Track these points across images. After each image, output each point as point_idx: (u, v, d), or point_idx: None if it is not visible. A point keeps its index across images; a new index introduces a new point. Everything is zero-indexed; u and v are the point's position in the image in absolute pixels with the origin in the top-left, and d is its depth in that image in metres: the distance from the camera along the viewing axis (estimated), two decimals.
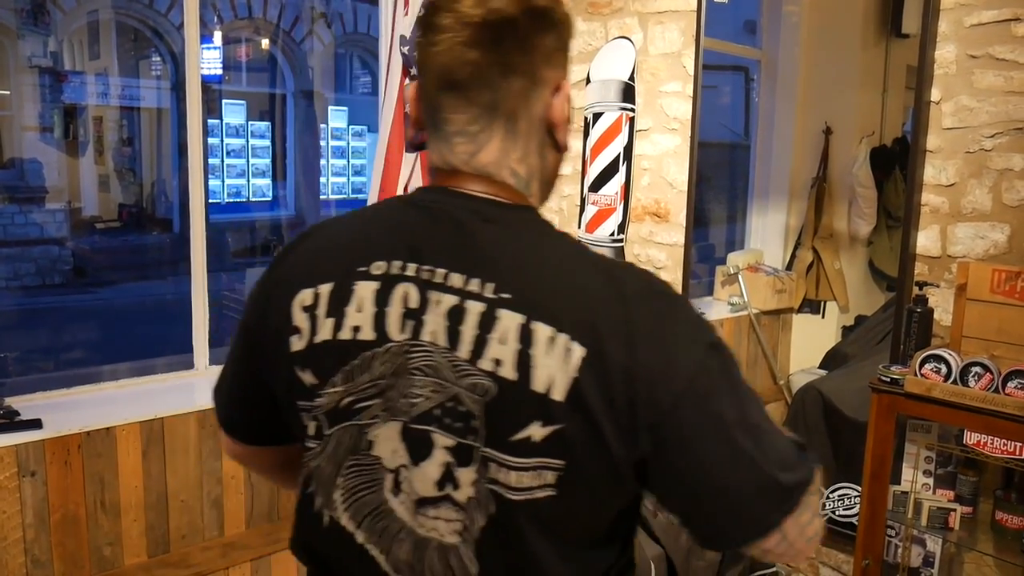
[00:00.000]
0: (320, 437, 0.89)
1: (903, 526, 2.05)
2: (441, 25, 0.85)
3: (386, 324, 0.84)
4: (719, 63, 3.34)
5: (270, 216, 11.77)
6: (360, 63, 12.95)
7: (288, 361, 0.89)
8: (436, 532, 0.84)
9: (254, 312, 0.97)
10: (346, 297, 0.86)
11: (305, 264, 0.93)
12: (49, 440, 2.36)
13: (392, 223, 0.91)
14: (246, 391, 1.02)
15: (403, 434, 0.84)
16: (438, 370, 0.82)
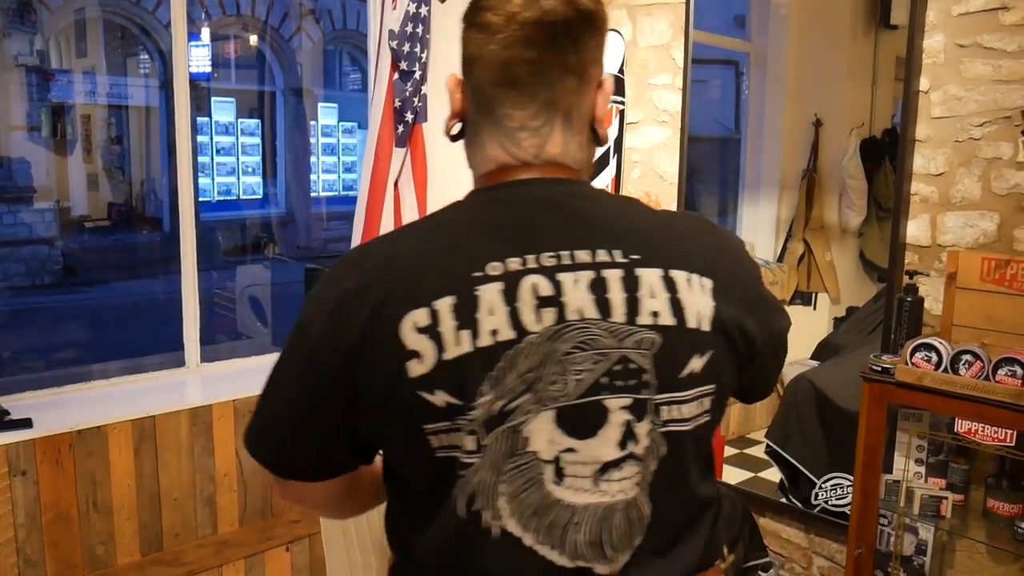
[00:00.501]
0: (479, 450, 0.87)
1: (895, 515, 2.06)
2: (494, 23, 0.89)
3: (522, 319, 0.86)
4: (709, 57, 3.34)
5: (260, 214, 11.74)
6: (349, 60, 12.92)
7: (408, 387, 0.86)
8: (622, 493, 0.90)
9: (330, 350, 0.89)
10: (473, 305, 0.86)
11: (399, 285, 0.88)
12: (40, 439, 2.35)
13: (484, 223, 0.92)
14: (315, 429, 0.94)
15: (558, 419, 0.87)
16: (596, 341, 0.87)
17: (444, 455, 0.88)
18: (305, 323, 0.92)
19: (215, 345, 5.70)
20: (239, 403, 2.78)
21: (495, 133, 0.93)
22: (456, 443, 0.87)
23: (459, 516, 0.89)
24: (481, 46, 0.90)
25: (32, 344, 7.67)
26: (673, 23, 2.74)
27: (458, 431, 0.86)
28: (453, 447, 0.87)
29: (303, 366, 0.92)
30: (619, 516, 0.90)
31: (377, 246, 0.97)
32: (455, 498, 0.89)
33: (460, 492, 0.88)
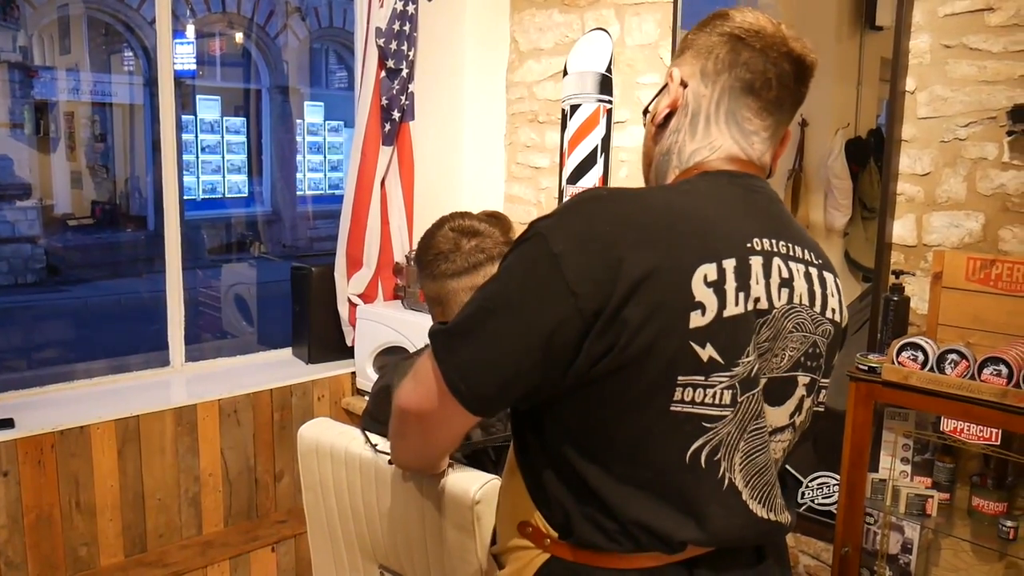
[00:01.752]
0: (733, 405, 0.95)
1: (881, 513, 2.06)
2: (766, 43, 1.03)
3: (772, 293, 0.97)
4: None
5: (246, 212, 11.67)
6: (336, 58, 12.87)
7: (682, 336, 0.90)
8: (774, 452, 1.04)
9: (599, 283, 0.88)
10: (747, 271, 0.95)
11: (691, 237, 0.92)
12: (22, 439, 2.33)
13: (740, 201, 1.02)
14: (545, 362, 0.91)
15: (765, 387, 0.99)
16: (804, 324, 1.02)
17: (680, 409, 0.92)
18: (560, 252, 0.90)
19: (199, 344, 5.67)
20: (224, 402, 2.76)
21: (731, 128, 1.05)
22: (704, 399, 0.93)
23: (694, 465, 0.95)
24: (746, 55, 1.04)
25: (14, 343, 7.60)
26: (660, 22, 2.74)
27: (712, 387, 0.93)
28: (698, 403, 0.93)
29: (555, 298, 0.89)
30: (770, 473, 1.03)
31: (648, 195, 1.00)
32: (695, 448, 0.94)
33: (706, 442, 0.95)
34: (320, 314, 3.23)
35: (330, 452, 1.54)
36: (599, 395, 0.93)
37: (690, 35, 1.11)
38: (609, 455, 0.96)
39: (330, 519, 1.59)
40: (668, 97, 1.08)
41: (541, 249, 0.91)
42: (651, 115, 1.11)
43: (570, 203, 0.96)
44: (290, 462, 2.95)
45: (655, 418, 0.92)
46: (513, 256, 0.96)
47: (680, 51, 1.11)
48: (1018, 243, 1.97)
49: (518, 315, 0.91)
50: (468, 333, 0.94)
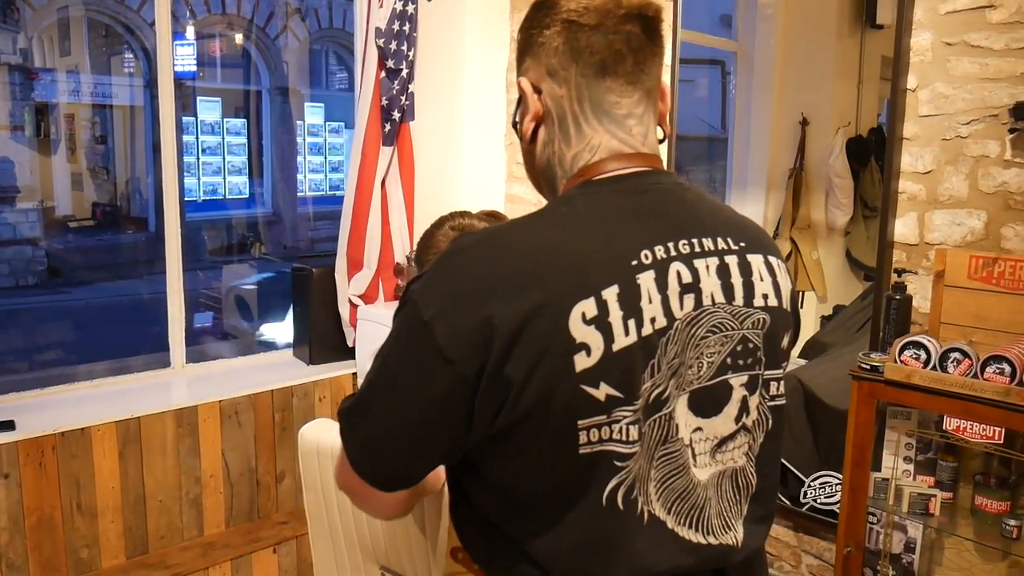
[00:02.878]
0: (640, 439, 0.89)
1: (884, 512, 2.06)
2: (595, 15, 0.93)
3: (671, 306, 0.90)
4: (696, 57, 3.34)
5: (247, 214, 11.67)
6: (336, 59, 12.87)
7: (571, 381, 0.84)
8: (732, 461, 0.97)
9: (472, 346, 0.84)
10: (636, 293, 0.88)
11: (562, 274, 0.86)
12: (23, 441, 2.33)
13: (627, 211, 0.93)
14: (440, 436, 0.90)
15: (690, 402, 0.92)
16: (723, 324, 0.93)
17: (590, 451, 0.87)
18: (431, 319, 0.86)
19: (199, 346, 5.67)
20: (225, 404, 2.76)
21: (603, 122, 0.96)
22: (612, 435, 0.87)
23: (611, 506, 0.89)
24: (585, 38, 0.93)
25: (15, 345, 7.60)
26: None
27: (616, 423, 0.87)
28: (605, 440, 0.87)
29: (432, 367, 0.86)
30: (728, 482, 0.97)
31: (516, 235, 0.92)
32: (610, 489, 0.88)
33: (620, 483, 0.89)
34: (321, 315, 3.22)
35: (331, 453, 1.54)
36: (505, 449, 0.89)
37: (520, 36, 1.01)
38: (528, 506, 0.92)
39: (331, 520, 1.59)
40: (529, 109, 0.99)
41: (413, 317, 0.87)
42: (520, 134, 1.02)
43: (439, 260, 0.90)
44: (291, 463, 2.95)
45: (566, 464, 0.88)
46: (393, 325, 0.92)
47: (519, 57, 1.02)
48: (1020, 241, 1.96)
49: (402, 391, 0.89)
50: (363, 411, 0.93)
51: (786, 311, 1.01)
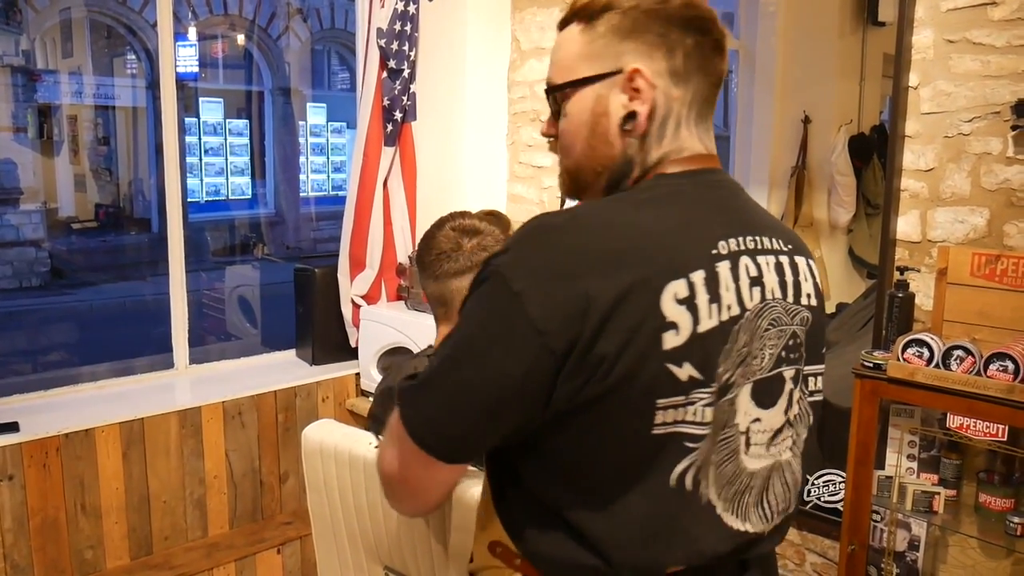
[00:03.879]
0: (712, 422, 0.92)
1: (888, 511, 2.06)
2: (719, 42, 0.99)
3: (743, 296, 0.94)
4: None
5: (249, 214, 11.69)
6: (338, 59, 12.88)
7: (658, 359, 0.86)
8: (780, 455, 1.01)
9: (566, 318, 0.84)
10: (716, 280, 0.91)
11: (657, 254, 0.89)
12: (27, 443, 2.33)
13: (704, 203, 0.98)
14: (519, 406, 0.89)
15: (753, 391, 0.96)
16: (780, 319, 0.98)
17: (663, 431, 0.89)
18: (522, 290, 0.85)
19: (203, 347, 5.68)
20: (228, 404, 2.77)
21: (699, 127, 1.01)
22: (685, 417, 0.89)
23: (680, 489, 0.91)
24: (709, 58, 0.99)
25: (19, 347, 7.61)
26: None
27: (692, 404, 0.89)
28: (679, 422, 0.89)
29: (521, 339, 0.85)
30: (777, 476, 1.01)
31: (607, 214, 0.93)
32: (679, 471, 0.91)
33: (690, 464, 0.91)
34: (324, 315, 3.23)
35: (334, 453, 1.54)
36: (578, 426, 0.90)
37: (637, 18, 0.97)
38: (591, 486, 0.92)
39: (335, 520, 1.59)
40: (644, 104, 0.97)
41: (501, 289, 0.87)
42: (633, 125, 0.98)
43: (524, 235, 0.91)
44: (295, 463, 2.95)
45: (638, 443, 0.89)
46: (472, 300, 0.91)
47: (623, 33, 0.97)
48: (1023, 238, 1.96)
49: (484, 362, 0.88)
50: (433, 386, 0.92)
51: (823, 312, 1.08)
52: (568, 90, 1.01)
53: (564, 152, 1.04)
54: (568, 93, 1.01)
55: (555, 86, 1.02)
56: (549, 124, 1.06)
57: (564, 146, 1.03)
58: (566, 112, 1.01)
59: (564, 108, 1.01)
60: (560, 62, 1.02)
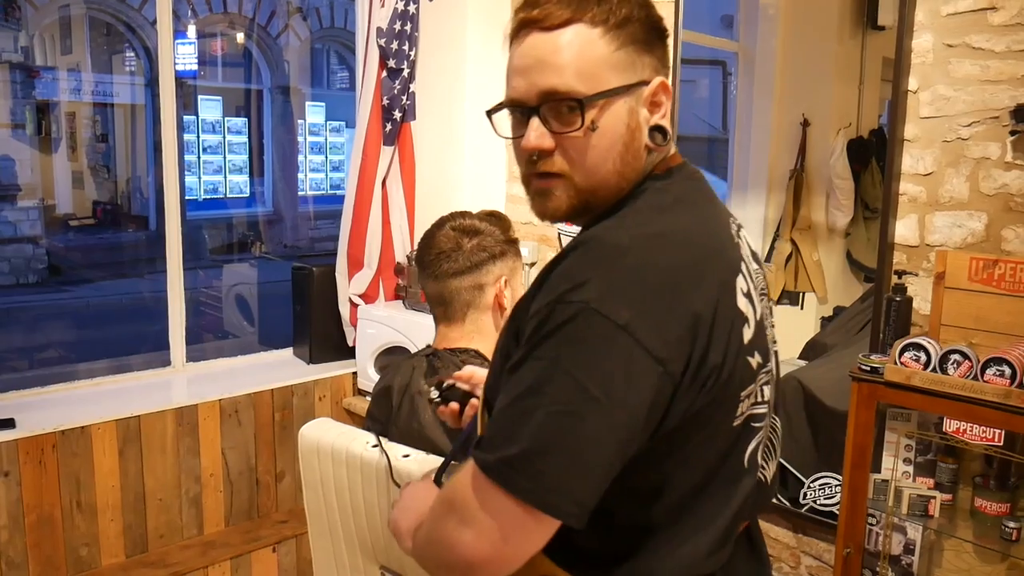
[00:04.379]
0: (769, 400, 0.98)
1: (884, 514, 2.06)
2: None
3: (753, 274, 0.98)
4: (696, 57, 3.34)
5: (247, 213, 11.68)
6: (337, 58, 12.87)
7: (742, 353, 0.90)
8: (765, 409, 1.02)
9: (679, 340, 0.82)
10: (748, 267, 0.96)
11: (719, 255, 0.91)
12: (23, 440, 2.33)
13: (703, 197, 1.00)
14: (637, 443, 0.84)
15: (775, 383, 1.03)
16: (763, 287, 1.03)
17: (740, 420, 0.92)
18: (628, 322, 0.80)
19: (200, 345, 5.67)
20: (225, 402, 2.76)
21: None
22: (756, 401, 0.94)
23: (749, 468, 0.96)
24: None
25: (16, 344, 7.60)
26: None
27: (757, 387, 0.94)
28: (751, 406, 0.93)
29: (640, 371, 0.80)
30: (771, 427, 1.05)
31: (664, 225, 0.90)
32: (750, 451, 0.96)
33: (758, 444, 0.97)
34: (321, 314, 3.22)
35: (331, 452, 1.54)
36: (675, 440, 0.87)
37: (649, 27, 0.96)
38: (676, 500, 0.91)
39: (331, 519, 1.59)
40: (665, 118, 0.97)
41: (601, 325, 0.80)
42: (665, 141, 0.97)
43: (596, 261, 0.84)
44: (291, 462, 2.95)
45: (723, 439, 0.91)
46: (561, 344, 0.81)
47: (640, 43, 0.95)
48: (1021, 243, 1.96)
49: (608, 408, 0.80)
50: (553, 449, 0.80)
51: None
52: (603, 101, 0.92)
53: (588, 170, 0.94)
54: (602, 104, 0.92)
55: (586, 96, 0.91)
56: (542, 136, 0.94)
57: (589, 164, 0.94)
58: (597, 125, 0.92)
59: (595, 122, 0.92)
60: (582, 69, 0.91)
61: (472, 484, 0.84)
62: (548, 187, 0.96)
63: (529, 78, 0.93)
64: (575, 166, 0.94)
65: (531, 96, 0.93)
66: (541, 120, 0.93)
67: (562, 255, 0.87)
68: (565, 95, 0.91)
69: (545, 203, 0.97)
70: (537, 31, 0.93)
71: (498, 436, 0.83)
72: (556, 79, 0.91)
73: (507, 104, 0.97)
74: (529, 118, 0.94)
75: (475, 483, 0.83)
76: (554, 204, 0.96)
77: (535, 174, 0.96)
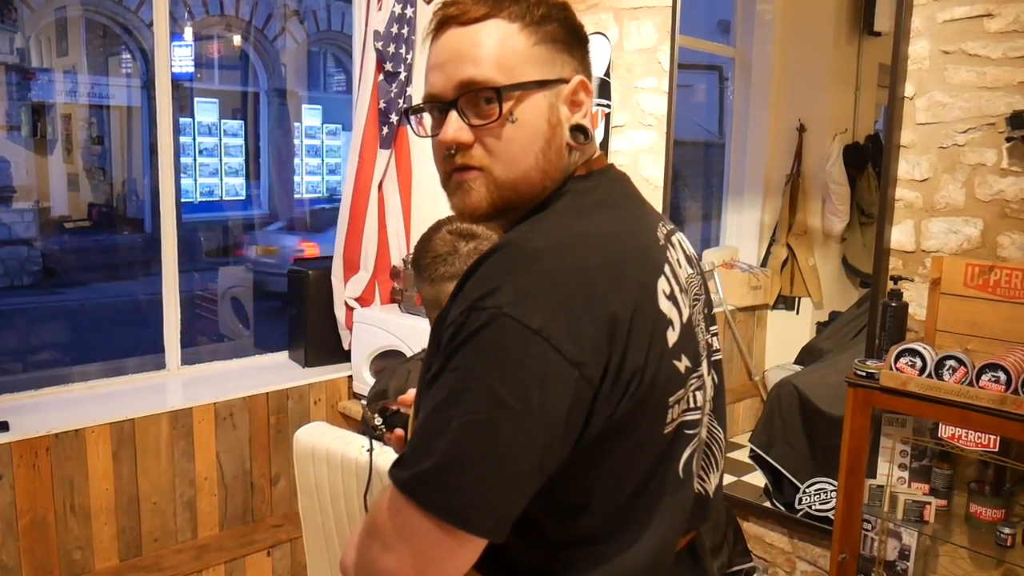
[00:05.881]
0: (702, 405, 0.95)
1: (879, 520, 2.06)
2: None
3: (683, 279, 0.96)
4: (693, 62, 3.34)
5: (243, 215, 11.66)
6: (334, 61, 12.87)
7: (668, 358, 0.87)
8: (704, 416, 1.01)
9: (596, 344, 0.79)
10: (674, 269, 0.94)
11: (640, 255, 0.89)
12: (16, 443, 2.32)
13: (629, 197, 0.99)
14: (557, 454, 0.81)
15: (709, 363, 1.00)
16: (697, 292, 1.01)
17: (671, 428, 0.89)
18: (543, 326, 0.77)
19: (194, 348, 5.66)
20: (220, 406, 2.75)
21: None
22: (686, 407, 0.91)
23: (685, 477, 0.93)
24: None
25: (10, 346, 7.57)
26: (659, 27, 2.74)
27: (688, 392, 0.91)
28: (682, 412, 0.91)
29: (556, 376, 0.77)
30: (711, 437, 1.03)
31: (581, 227, 0.88)
32: (684, 460, 0.92)
33: (693, 451, 0.94)
34: (317, 318, 3.22)
35: (326, 456, 1.53)
36: (602, 450, 0.84)
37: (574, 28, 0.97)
38: (609, 511, 0.88)
39: (326, 523, 1.58)
40: (586, 118, 0.96)
41: (515, 331, 0.77)
42: (586, 141, 0.96)
43: (509, 266, 0.82)
44: (286, 466, 2.94)
45: (654, 448, 0.88)
46: (474, 352, 0.78)
47: (560, 42, 0.94)
48: (1017, 249, 1.97)
49: (524, 416, 0.77)
50: (466, 462, 0.77)
51: (704, 276, 1.08)
52: (520, 92, 0.91)
53: (508, 163, 0.91)
54: (519, 96, 0.91)
55: (503, 86, 0.89)
56: (460, 129, 0.91)
57: (509, 157, 0.91)
58: (516, 118, 0.90)
59: (513, 113, 0.90)
60: (500, 60, 0.90)
61: (389, 506, 0.80)
62: (466, 179, 0.92)
63: (446, 72, 0.91)
64: (495, 159, 0.91)
65: (448, 90, 0.91)
66: (459, 113, 0.91)
67: (479, 261, 0.84)
68: (482, 84, 0.89)
69: (465, 198, 0.93)
70: (455, 26, 0.92)
71: (414, 452, 0.79)
72: (473, 69, 0.90)
73: (425, 100, 0.95)
74: (447, 113, 0.92)
75: (392, 504, 0.80)
76: (474, 199, 0.93)
77: (454, 168, 0.93)
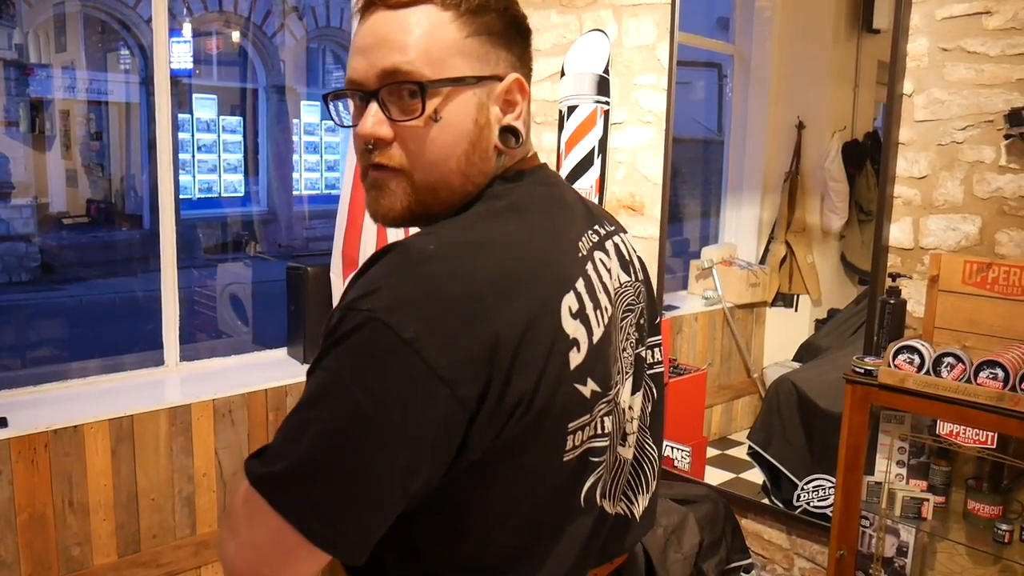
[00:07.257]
0: (610, 432, 0.87)
1: (877, 516, 2.06)
2: None
3: (609, 292, 0.89)
4: (693, 59, 3.35)
5: (242, 212, 11.67)
6: (333, 57, 12.87)
7: (568, 381, 0.78)
8: (640, 434, 0.99)
9: (472, 360, 0.72)
10: (591, 284, 0.85)
11: (543, 270, 0.80)
12: (15, 439, 2.31)
13: (554, 202, 0.91)
14: (422, 476, 0.74)
15: (631, 383, 0.94)
16: (631, 303, 0.95)
17: (573, 455, 0.81)
18: (415, 336, 0.70)
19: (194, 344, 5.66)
20: (219, 402, 2.75)
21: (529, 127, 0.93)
22: (592, 434, 0.84)
23: (586, 506, 0.86)
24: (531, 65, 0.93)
25: (8, 342, 7.58)
26: (658, 24, 2.74)
27: (595, 419, 0.83)
28: (586, 439, 0.83)
29: (423, 393, 0.70)
30: (643, 458, 0.99)
31: (478, 235, 0.81)
32: (587, 488, 0.85)
33: (597, 479, 0.87)
34: (316, 314, 3.22)
35: None
36: (489, 474, 0.77)
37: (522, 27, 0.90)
38: (504, 541, 0.82)
39: None
40: (518, 119, 0.88)
41: (385, 338, 0.70)
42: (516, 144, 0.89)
43: (393, 268, 0.75)
44: None
45: (552, 476, 0.81)
46: (344, 355, 0.73)
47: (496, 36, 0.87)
48: (1015, 247, 1.97)
49: (386, 434, 0.70)
50: (319, 468, 0.71)
51: (650, 281, 1.04)
52: (448, 89, 0.83)
53: (427, 166, 0.84)
54: (448, 93, 0.83)
55: (429, 80, 0.81)
56: (379, 123, 0.83)
57: (430, 160, 0.84)
58: (440, 116, 0.82)
59: (437, 111, 0.82)
60: (428, 50, 0.82)
61: (243, 494, 0.75)
62: (383, 179, 0.85)
63: (370, 58, 0.83)
64: (414, 161, 0.84)
65: (370, 78, 0.83)
66: (380, 105, 0.83)
67: (370, 260, 0.78)
68: (406, 76, 0.81)
69: (379, 199, 0.86)
70: (383, 9, 0.83)
71: (273, 448, 0.75)
72: (399, 57, 0.81)
73: (346, 86, 0.87)
74: (368, 103, 0.84)
75: (245, 493, 0.75)
76: (388, 202, 0.86)
77: (371, 165, 0.86)
